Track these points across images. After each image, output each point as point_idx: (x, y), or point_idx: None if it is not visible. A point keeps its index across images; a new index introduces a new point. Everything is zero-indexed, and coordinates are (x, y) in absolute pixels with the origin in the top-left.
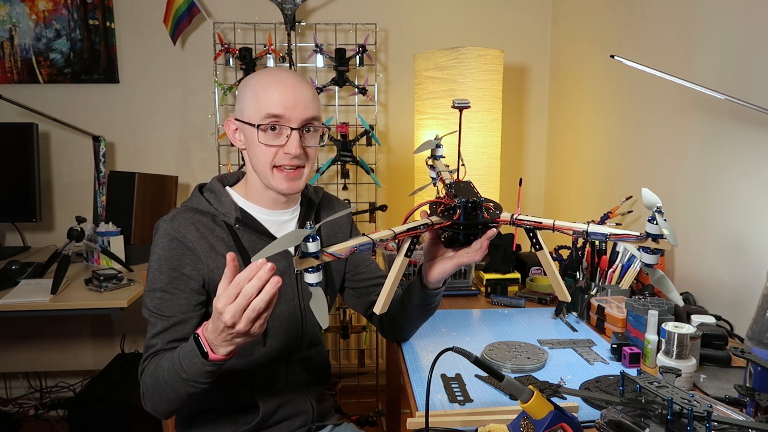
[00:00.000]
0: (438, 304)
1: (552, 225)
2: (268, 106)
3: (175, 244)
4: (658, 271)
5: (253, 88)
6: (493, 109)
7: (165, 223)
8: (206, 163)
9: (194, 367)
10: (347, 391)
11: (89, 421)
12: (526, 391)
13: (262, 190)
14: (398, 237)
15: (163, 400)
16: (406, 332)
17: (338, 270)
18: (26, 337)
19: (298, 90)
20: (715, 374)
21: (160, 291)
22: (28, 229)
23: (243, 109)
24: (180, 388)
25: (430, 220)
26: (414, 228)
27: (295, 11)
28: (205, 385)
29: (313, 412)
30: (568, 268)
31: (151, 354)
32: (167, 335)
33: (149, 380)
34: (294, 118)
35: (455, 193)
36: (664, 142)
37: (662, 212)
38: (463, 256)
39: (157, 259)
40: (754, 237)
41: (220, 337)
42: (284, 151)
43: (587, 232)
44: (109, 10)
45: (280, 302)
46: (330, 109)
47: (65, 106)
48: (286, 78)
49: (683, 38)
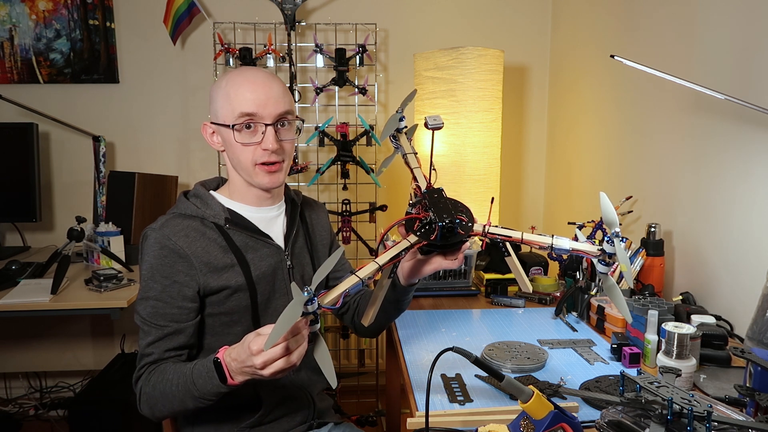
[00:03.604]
0: (410, 300)
1: (521, 238)
2: (240, 106)
3: (166, 252)
4: (610, 278)
5: (224, 89)
6: (493, 109)
7: (154, 231)
8: (206, 163)
9: (208, 388)
10: (347, 391)
11: (89, 421)
12: (526, 391)
13: (246, 188)
14: (384, 267)
15: (166, 409)
16: (379, 328)
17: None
18: (26, 337)
19: (269, 87)
20: (715, 374)
21: (154, 299)
22: (28, 229)
23: (217, 112)
24: (189, 403)
25: (408, 241)
26: (396, 255)
27: (295, 11)
28: (215, 401)
29: (314, 408)
30: (568, 268)
31: (148, 363)
32: (163, 344)
33: (152, 391)
34: (267, 115)
35: (430, 206)
36: (664, 142)
37: (619, 235)
38: (441, 261)
39: (148, 268)
40: (754, 237)
41: (244, 371)
42: (262, 148)
43: (551, 246)
44: (109, 10)
45: (274, 297)
46: (330, 109)
47: (65, 106)
48: (255, 76)
49: (683, 38)
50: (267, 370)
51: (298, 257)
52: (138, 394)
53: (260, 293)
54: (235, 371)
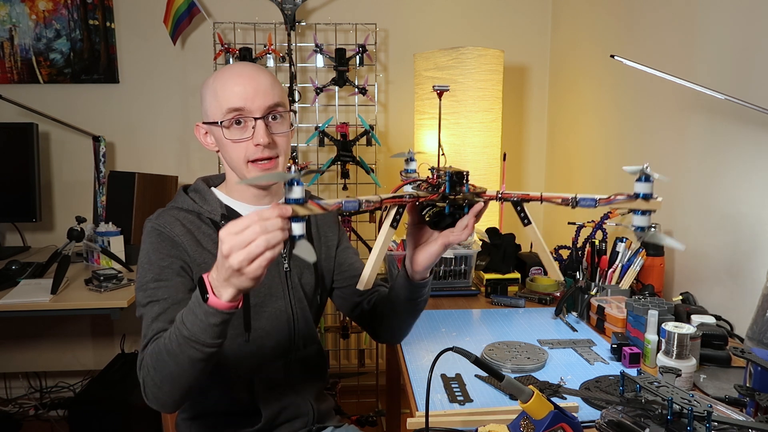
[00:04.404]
0: (426, 299)
1: (540, 196)
2: (228, 101)
3: (163, 237)
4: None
5: (211, 87)
6: (493, 109)
7: (150, 221)
8: (206, 163)
9: (197, 321)
10: (347, 391)
11: (89, 421)
12: (526, 391)
13: (243, 186)
14: (384, 202)
15: (166, 379)
16: (397, 332)
17: (328, 270)
18: (26, 337)
19: (255, 79)
20: (715, 374)
21: (153, 282)
22: (28, 229)
23: (207, 111)
24: (182, 354)
25: (416, 192)
26: (400, 196)
27: (295, 11)
28: (209, 350)
29: (314, 413)
30: (568, 268)
31: (153, 339)
32: (167, 315)
33: (150, 360)
34: (256, 108)
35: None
36: (664, 142)
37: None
38: (449, 235)
39: (145, 254)
40: (754, 236)
41: (221, 276)
42: (253, 143)
43: (575, 199)
44: (109, 10)
45: (269, 300)
46: (330, 109)
47: (65, 106)
48: (242, 70)
49: (683, 38)
50: (232, 257)
51: (296, 259)
52: (142, 381)
53: (253, 295)
54: (216, 282)
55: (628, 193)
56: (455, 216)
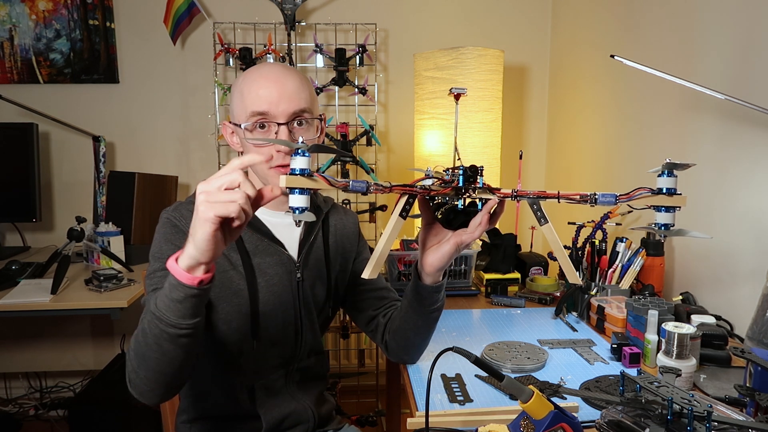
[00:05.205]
0: (440, 307)
1: (557, 194)
2: (252, 104)
3: (177, 229)
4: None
5: (239, 87)
6: (493, 109)
7: (167, 212)
8: (206, 163)
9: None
10: (347, 391)
11: (89, 421)
12: (526, 391)
13: None
14: (394, 189)
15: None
16: (411, 348)
17: (342, 282)
18: (26, 337)
19: (282, 83)
20: (715, 374)
21: (160, 270)
22: (28, 229)
23: (233, 111)
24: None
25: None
26: (411, 186)
27: (295, 11)
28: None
29: (315, 419)
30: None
31: None
32: None
33: (132, 342)
34: (280, 113)
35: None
36: (664, 143)
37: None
38: (461, 234)
39: (157, 244)
40: (754, 236)
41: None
42: (275, 149)
43: (594, 197)
44: (109, 10)
45: (279, 309)
46: (330, 109)
47: (65, 106)
48: (269, 72)
49: (683, 38)
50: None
51: (311, 270)
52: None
53: (262, 302)
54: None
55: (650, 188)
56: (469, 214)
